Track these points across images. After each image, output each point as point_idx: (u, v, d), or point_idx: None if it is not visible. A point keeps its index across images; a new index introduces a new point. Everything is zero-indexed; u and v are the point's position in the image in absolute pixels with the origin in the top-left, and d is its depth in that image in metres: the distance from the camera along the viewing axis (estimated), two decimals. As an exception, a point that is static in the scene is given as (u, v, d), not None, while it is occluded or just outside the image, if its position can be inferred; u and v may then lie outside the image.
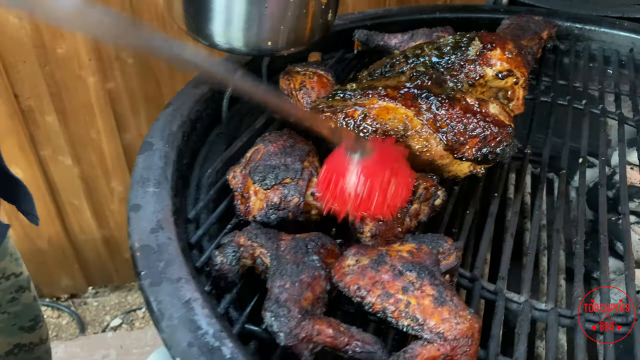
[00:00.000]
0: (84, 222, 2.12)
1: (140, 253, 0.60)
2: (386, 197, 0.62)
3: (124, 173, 2.03)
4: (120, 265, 2.33)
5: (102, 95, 1.82)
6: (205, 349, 0.50)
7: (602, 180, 0.82)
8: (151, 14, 1.73)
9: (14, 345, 1.07)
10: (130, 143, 1.98)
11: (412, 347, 0.54)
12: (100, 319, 2.38)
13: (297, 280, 0.58)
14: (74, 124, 1.86)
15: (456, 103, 0.76)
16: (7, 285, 1.01)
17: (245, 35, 0.79)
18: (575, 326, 0.62)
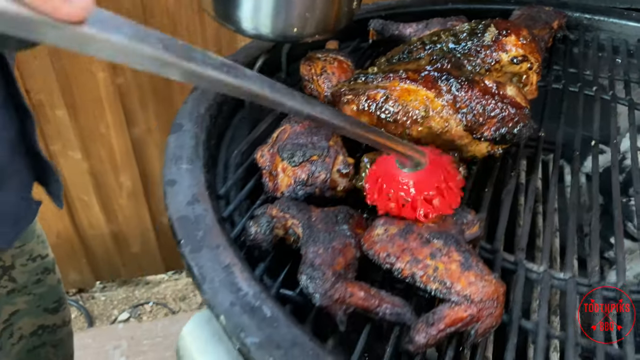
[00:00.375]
0: (93, 217, 2.14)
1: (178, 223, 0.63)
2: (431, 209, 0.63)
3: (132, 168, 2.05)
4: (128, 260, 2.35)
5: (111, 90, 1.84)
6: (247, 308, 0.53)
7: (614, 162, 0.85)
8: (161, 10, 1.76)
9: (38, 327, 1.09)
10: (139, 138, 2.00)
11: (440, 309, 0.57)
12: (108, 313, 2.41)
13: (329, 246, 0.61)
14: (84, 118, 1.88)
15: (475, 85, 0.79)
16: (33, 267, 1.03)
17: (272, 22, 0.82)
18: (593, 294, 0.65)
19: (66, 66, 1.74)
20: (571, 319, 0.61)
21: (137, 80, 1.87)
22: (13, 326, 1.04)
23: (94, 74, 1.80)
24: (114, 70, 1.81)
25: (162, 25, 1.79)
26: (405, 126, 0.80)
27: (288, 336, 0.51)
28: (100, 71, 1.80)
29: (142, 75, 1.86)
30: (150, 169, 2.09)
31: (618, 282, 0.66)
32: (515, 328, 0.60)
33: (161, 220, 2.25)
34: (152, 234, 2.26)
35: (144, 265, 2.40)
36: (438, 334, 0.56)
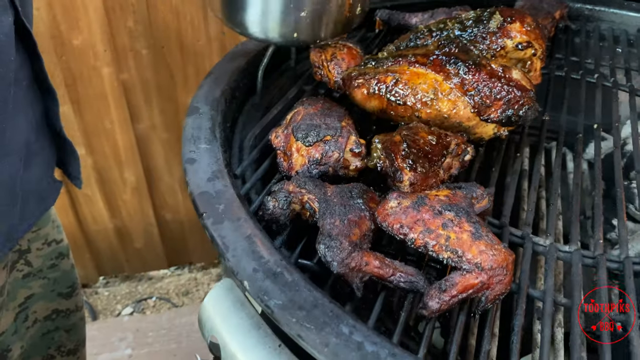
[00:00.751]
0: (97, 212, 2.15)
1: (199, 198, 0.66)
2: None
3: (136, 163, 2.07)
4: (131, 255, 2.36)
5: (116, 85, 1.85)
6: (269, 274, 0.56)
7: (617, 143, 0.88)
8: (165, 5, 1.77)
9: (52, 311, 1.11)
10: (143, 133, 2.02)
11: (452, 276, 0.60)
12: (111, 307, 2.42)
13: (345, 218, 0.63)
14: (89, 114, 1.89)
15: (482, 68, 0.81)
16: (49, 252, 1.05)
17: (281, 26, 0.83)
18: (597, 264, 0.68)
19: (71, 61, 1.75)
20: (577, 287, 0.63)
21: (141, 77, 1.88)
22: (28, 310, 1.06)
23: (99, 69, 1.81)
24: (118, 65, 1.82)
25: (166, 21, 1.81)
26: (414, 109, 0.83)
27: (309, 298, 0.54)
28: (105, 66, 1.81)
29: (146, 71, 1.88)
30: (154, 165, 2.11)
31: (621, 255, 0.69)
32: (524, 295, 0.62)
33: (164, 215, 2.27)
34: (155, 229, 2.28)
35: (147, 261, 2.42)
36: (450, 299, 0.59)
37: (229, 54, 0.97)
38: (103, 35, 1.73)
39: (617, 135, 0.91)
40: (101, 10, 1.68)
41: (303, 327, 0.51)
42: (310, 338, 0.50)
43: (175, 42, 1.86)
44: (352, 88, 0.87)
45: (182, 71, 1.92)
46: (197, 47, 1.89)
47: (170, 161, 2.11)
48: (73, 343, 1.20)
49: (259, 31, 0.84)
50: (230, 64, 0.94)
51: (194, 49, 1.90)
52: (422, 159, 0.73)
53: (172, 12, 1.80)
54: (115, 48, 1.79)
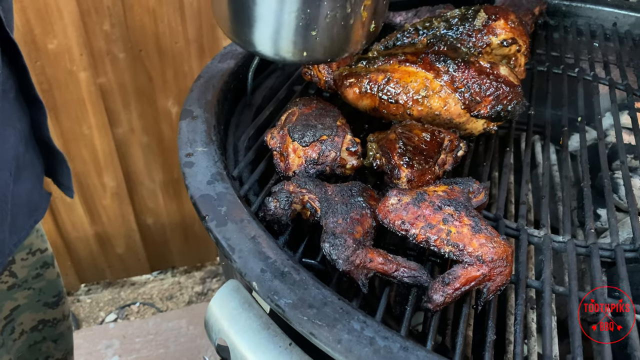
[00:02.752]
0: (76, 218, 2.12)
1: (201, 201, 0.66)
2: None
3: (115, 168, 2.04)
4: (113, 261, 2.33)
5: (93, 90, 1.83)
6: (277, 274, 0.57)
7: (600, 135, 0.91)
8: (142, 8, 1.75)
9: (38, 321, 1.09)
10: (122, 138, 1.99)
11: (454, 270, 0.61)
12: (94, 315, 2.39)
13: (347, 216, 0.64)
14: (66, 119, 1.86)
15: (471, 65, 0.83)
16: (33, 261, 1.03)
17: (293, 46, 0.77)
18: (590, 253, 0.70)
19: (46, 67, 1.72)
20: (573, 276, 0.66)
21: (119, 80, 1.86)
22: (14, 322, 1.04)
23: (75, 74, 1.78)
24: (95, 70, 1.80)
25: (143, 23, 1.79)
26: (406, 107, 0.84)
27: (319, 296, 0.55)
28: (82, 71, 1.78)
29: (124, 75, 1.85)
30: (133, 169, 2.08)
31: (612, 242, 0.71)
32: (523, 285, 0.64)
33: (145, 220, 2.24)
34: (136, 234, 2.25)
35: (129, 266, 2.39)
36: (454, 292, 0.60)
37: (218, 56, 0.97)
38: (79, 39, 1.70)
39: (600, 127, 0.94)
40: (76, 13, 1.65)
41: (315, 324, 0.52)
42: (323, 335, 0.51)
43: (153, 45, 1.84)
44: (344, 87, 0.88)
45: (160, 74, 1.90)
46: (175, 50, 1.87)
47: (150, 165, 2.09)
48: (61, 353, 1.18)
49: (268, 50, 0.77)
50: (219, 66, 0.94)
51: (172, 52, 1.88)
52: (418, 156, 0.74)
53: (149, 14, 1.78)
54: (91, 52, 1.76)
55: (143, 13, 1.77)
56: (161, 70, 1.90)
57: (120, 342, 2.05)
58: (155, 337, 2.07)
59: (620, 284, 0.65)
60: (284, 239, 0.68)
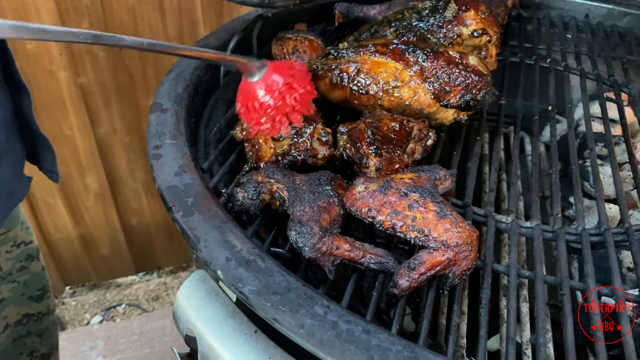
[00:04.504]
0: (59, 220, 2.10)
1: (167, 192, 0.66)
2: (290, 99, 0.73)
3: (98, 169, 2.03)
4: (98, 262, 2.32)
5: (74, 90, 1.81)
6: (242, 262, 0.57)
7: (570, 124, 0.92)
8: (121, 7, 1.75)
9: (22, 315, 1.08)
10: (104, 138, 1.98)
11: (420, 255, 0.62)
12: (79, 317, 2.37)
13: (314, 205, 0.64)
14: (46, 120, 1.84)
15: (440, 55, 0.84)
16: (18, 254, 1.02)
17: None
18: (557, 238, 0.71)
19: (25, 66, 1.70)
20: (539, 260, 0.66)
21: (99, 80, 1.85)
22: None
23: (55, 74, 1.77)
24: (75, 69, 1.78)
25: (123, 23, 1.78)
26: (377, 97, 0.85)
27: (283, 283, 0.55)
28: (62, 70, 1.77)
29: (104, 74, 1.84)
30: (116, 169, 2.07)
31: (578, 227, 0.72)
32: (489, 270, 0.65)
33: (129, 220, 2.23)
34: (121, 235, 2.24)
35: (114, 268, 2.38)
36: (419, 277, 0.61)
37: (190, 50, 0.96)
38: (58, 38, 1.68)
39: (570, 116, 0.95)
40: (54, 12, 1.64)
41: (278, 310, 0.52)
42: (286, 321, 0.51)
43: (133, 44, 1.83)
44: (317, 79, 0.88)
45: (141, 73, 1.89)
46: (156, 48, 1.86)
47: (133, 165, 2.08)
48: (46, 347, 1.17)
49: None
50: (192, 59, 0.94)
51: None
52: (387, 145, 0.75)
53: (128, 13, 1.77)
54: (71, 51, 1.75)
55: (122, 12, 1.76)
56: (142, 69, 1.89)
57: (105, 343, 2.04)
58: (140, 337, 2.06)
59: (585, 266, 0.65)
60: (252, 229, 0.68)
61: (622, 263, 0.79)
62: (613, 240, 0.69)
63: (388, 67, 0.84)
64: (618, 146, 1.01)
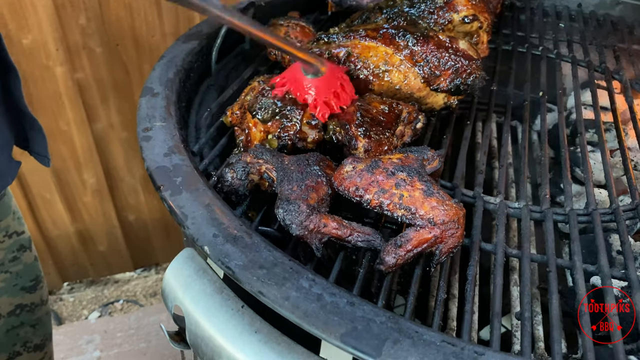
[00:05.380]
0: (56, 216, 2.10)
1: (156, 172, 0.66)
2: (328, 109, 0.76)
3: (95, 164, 2.02)
4: (95, 259, 2.31)
5: (70, 85, 1.81)
6: (229, 238, 0.57)
7: (560, 109, 0.92)
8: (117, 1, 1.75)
9: (15, 306, 1.08)
10: (101, 133, 1.98)
11: (406, 232, 0.62)
12: (77, 313, 2.37)
13: (302, 184, 0.65)
14: (43, 115, 1.84)
15: (430, 40, 0.84)
16: (9, 244, 1.02)
17: None
18: (545, 217, 0.71)
19: (21, 62, 1.70)
20: (526, 239, 0.67)
21: (96, 75, 1.85)
22: None
23: (52, 69, 1.77)
24: (72, 64, 1.78)
25: (119, 18, 1.78)
26: (367, 81, 0.85)
27: (270, 258, 0.55)
28: (58, 66, 1.77)
29: (101, 69, 1.84)
30: (114, 165, 2.07)
31: (566, 207, 0.73)
32: (477, 248, 0.65)
33: (127, 216, 2.23)
34: (118, 231, 2.24)
35: (112, 264, 2.38)
36: (406, 254, 0.61)
37: (182, 37, 0.97)
38: (54, 33, 1.69)
39: (560, 103, 0.95)
40: (51, 7, 1.64)
41: (264, 284, 0.52)
42: (272, 294, 0.51)
43: (130, 39, 1.84)
44: (306, 65, 0.88)
45: (138, 68, 1.89)
46: (152, 43, 1.87)
47: (130, 161, 2.08)
48: (39, 338, 1.17)
49: None
50: (183, 46, 0.94)
51: (149, 45, 1.87)
52: (376, 127, 0.75)
53: (125, 8, 1.77)
54: (67, 47, 1.75)
55: (119, 7, 1.76)
56: (138, 64, 1.89)
57: (102, 337, 2.04)
58: (136, 331, 2.06)
59: (572, 244, 0.66)
60: (241, 209, 0.68)
61: (612, 246, 0.79)
62: (600, 220, 0.70)
63: (378, 51, 0.84)
64: (609, 133, 1.01)
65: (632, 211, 0.73)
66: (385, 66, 0.84)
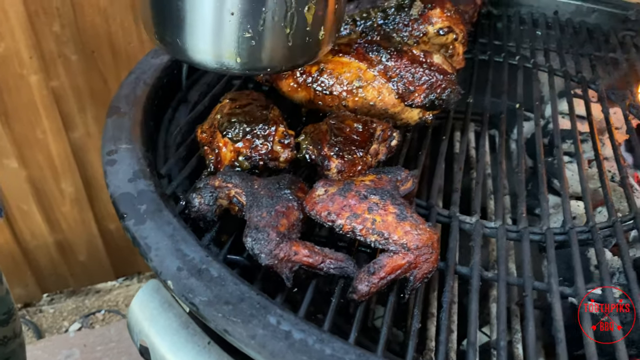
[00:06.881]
0: (34, 226, 2.05)
1: (120, 200, 0.64)
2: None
3: (73, 173, 1.98)
4: (76, 269, 2.27)
5: (46, 94, 1.77)
6: (194, 271, 0.55)
7: (537, 121, 0.91)
8: (92, 8, 1.71)
9: None
10: (79, 142, 1.94)
11: (380, 259, 0.60)
12: (58, 325, 2.33)
13: (272, 210, 0.63)
14: (18, 124, 1.80)
15: (404, 54, 0.83)
16: None
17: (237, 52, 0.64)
18: (521, 237, 0.70)
19: (-6, 71, 1.67)
20: (502, 261, 0.65)
21: (72, 83, 1.81)
22: None
23: (26, 77, 1.73)
24: (47, 73, 1.75)
25: (95, 24, 1.74)
26: (341, 98, 0.83)
27: (236, 292, 0.53)
28: (33, 74, 1.73)
29: (77, 77, 1.80)
30: (92, 174, 2.03)
31: (543, 226, 0.71)
32: (452, 272, 0.64)
33: (107, 225, 2.19)
34: (99, 240, 2.20)
35: (93, 274, 2.33)
36: (379, 281, 0.59)
37: (152, 52, 0.94)
38: (28, 41, 1.64)
39: (537, 114, 0.95)
40: (23, 14, 1.60)
41: (229, 321, 0.50)
42: (237, 332, 0.49)
43: (107, 46, 1.80)
44: (279, 80, 0.86)
45: (115, 76, 1.85)
46: (129, 50, 1.83)
47: (109, 169, 2.03)
48: None
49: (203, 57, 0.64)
50: (152, 61, 0.92)
51: (127, 53, 1.84)
52: (349, 146, 0.73)
53: (100, 15, 1.73)
54: (42, 54, 1.71)
55: (94, 13, 1.72)
56: (116, 71, 1.85)
57: (81, 351, 2.00)
58: (117, 344, 2.03)
59: (549, 266, 0.65)
60: (210, 236, 0.66)
61: (590, 261, 0.79)
62: (577, 239, 0.69)
63: (352, 67, 0.82)
64: (587, 143, 1.00)
65: (609, 228, 0.72)
66: (359, 82, 0.82)
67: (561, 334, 0.56)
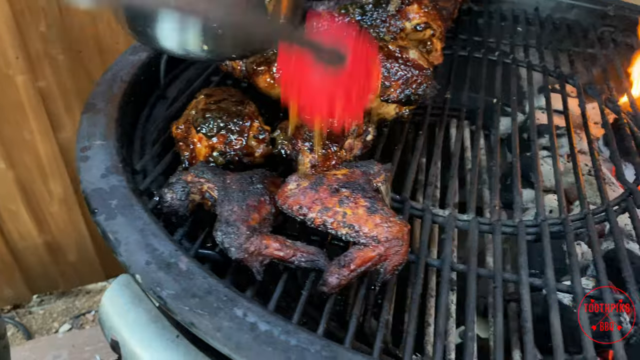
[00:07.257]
0: (23, 227, 2.04)
1: (92, 195, 0.64)
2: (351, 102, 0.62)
3: (62, 174, 1.97)
4: (65, 270, 2.26)
5: (33, 94, 1.76)
6: (162, 265, 0.55)
7: (514, 116, 0.92)
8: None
9: None
10: (67, 142, 1.93)
11: (350, 251, 0.61)
12: (47, 326, 2.31)
13: (243, 204, 0.63)
14: (5, 125, 1.79)
15: (380, 50, 0.83)
16: None
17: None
18: (493, 230, 0.70)
19: (-21, 71, 1.66)
20: (473, 253, 0.66)
21: (59, 83, 1.80)
22: None
23: (12, 77, 1.72)
24: (34, 73, 1.74)
25: (81, 24, 1.73)
26: (317, 93, 0.83)
27: (204, 286, 0.53)
28: (19, 74, 1.72)
29: (64, 77, 1.80)
30: (81, 174, 2.03)
31: (515, 219, 0.72)
32: (422, 264, 0.64)
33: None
34: (88, 241, 2.19)
35: (83, 274, 2.32)
36: (350, 274, 0.60)
37: (130, 48, 0.95)
38: (13, 41, 1.63)
39: (514, 109, 0.95)
40: (8, 13, 1.59)
41: (196, 314, 0.50)
42: (203, 324, 0.50)
43: (94, 46, 1.79)
44: (256, 76, 0.86)
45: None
46: (116, 50, 1.82)
47: (97, 169, 2.03)
48: None
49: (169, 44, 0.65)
50: (130, 58, 0.92)
51: (114, 52, 1.82)
52: (323, 141, 0.74)
53: (86, 14, 1.73)
54: (28, 54, 1.70)
55: (80, 13, 1.72)
56: (103, 71, 1.84)
57: (69, 352, 1.99)
58: (106, 344, 2.01)
59: (520, 258, 0.65)
60: (182, 231, 0.66)
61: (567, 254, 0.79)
62: (549, 232, 0.69)
63: (327, 63, 0.82)
64: (563, 138, 1.01)
65: (581, 221, 0.72)
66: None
67: (529, 324, 0.57)
